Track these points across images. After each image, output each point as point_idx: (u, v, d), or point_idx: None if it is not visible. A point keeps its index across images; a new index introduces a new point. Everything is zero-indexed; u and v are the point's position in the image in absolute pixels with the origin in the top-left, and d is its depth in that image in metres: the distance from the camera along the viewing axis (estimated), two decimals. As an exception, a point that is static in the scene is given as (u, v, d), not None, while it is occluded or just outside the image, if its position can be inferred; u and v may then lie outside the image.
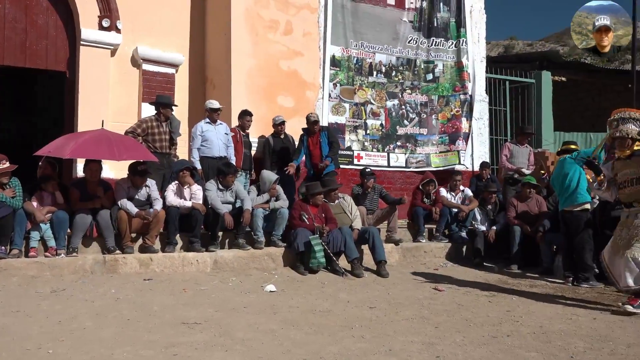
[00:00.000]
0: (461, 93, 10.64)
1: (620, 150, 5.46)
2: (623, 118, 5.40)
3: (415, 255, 8.22)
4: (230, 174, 7.33)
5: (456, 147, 10.53)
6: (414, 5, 10.41)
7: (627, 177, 5.39)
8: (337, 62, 9.73)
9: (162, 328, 4.43)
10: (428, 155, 10.42)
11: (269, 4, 9.25)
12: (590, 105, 16.48)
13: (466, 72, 10.68)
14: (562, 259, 7.36)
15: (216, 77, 9.51)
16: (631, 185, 5.36)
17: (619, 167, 5.50)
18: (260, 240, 7.29)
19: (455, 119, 10.59)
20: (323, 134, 8.38)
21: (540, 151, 10.94)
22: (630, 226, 5.34)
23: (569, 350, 4.11)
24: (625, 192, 5.42)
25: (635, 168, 5.34)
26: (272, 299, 5.67)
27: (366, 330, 4.54)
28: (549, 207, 8.19)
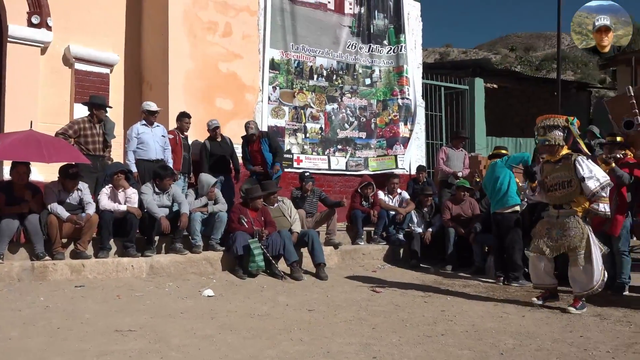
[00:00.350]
0: (399, 98, 10.85)
1: (550, 156, 5.72)
2: (549, 125, 5.65)
3: (353, 257, 8.31)
4: (168, 177, 7.19)
5: (393, 152, 10.73)
6: (352, 11, 10.55)
7: (558, 180, 5.63)
8: (276, 66, 9.73)
9: (94, 336, 4.29)
10: (366, 158, 10.58)
11: (207, 6, 9.14)
12: (519, 111, 17.22)
13: (405, 77, 10.90)
14: (494, 259, 7.64)
15: (153, 78, 9.31)
16: (562, 188, 5.60)
17: (548, 170, 5.74)
18: (198, 245, 7.18)
19: (393, 123, 10.79)
20: (264, 140, 8.39)
21: (473, 155, 11.31)
22: (564, 228, 5.56)
23: (499, 347, 4.27)
24: (556, 195, 5.67)
25: (565, 172, 5.59)
26: (210, 303, 5.59)
27: (305, 333, 4.56)
28: (482, 210, 8.48)
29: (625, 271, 6.65)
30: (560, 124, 5.63)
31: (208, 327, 4.69)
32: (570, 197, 5.57)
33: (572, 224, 5.55)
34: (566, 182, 5.57)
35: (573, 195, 5.55)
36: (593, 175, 5.44)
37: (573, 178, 5.52)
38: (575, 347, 4.31)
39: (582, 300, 5.59)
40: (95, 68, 9.04)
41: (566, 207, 5.61)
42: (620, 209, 6.52)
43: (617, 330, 4.86)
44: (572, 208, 5.58)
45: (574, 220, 5.55)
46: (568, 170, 5.55)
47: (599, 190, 5.41)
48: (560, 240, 5.57)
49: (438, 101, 12.23)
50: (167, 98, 8.72)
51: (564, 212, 5.62)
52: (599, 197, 5.45)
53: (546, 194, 5.76)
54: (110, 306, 5.30)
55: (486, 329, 4.83)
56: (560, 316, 5.39)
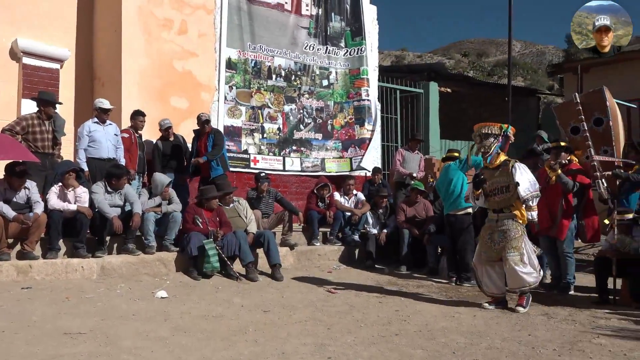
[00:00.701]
0: (354, 100, 10.91)
1: (489, 164, 5.89)
2: (484, 134, 5.84)
3: (309, 258, 8.33)
4: (123, 175, 7.03)
5: (348, 155, 10.78)
6: (309, 13, 10.56)
7: (497, 185, 5.83)
8: (233, 65, 9.64)
9: (42, 339, 4.16)
10: (323, 160, 10.60)
11: (162, 3, 8.98)
12: (472, 116, 17.58)
13: (363, 79, 10.94)
14: (447, 260, 7.80)
15: (105, 75, 9.08)
16: (501, 193, 5.81)
17: (488, 176, 5.91)
18: (151, 245, 7.04)
19: (348, 126, 10.85)
20: (210, 137, 8.25)
21: (427, 157, 11.51)
22: (504, 231, 5.75)
23: (451, 346, 4.37)
24: (495, 200, 5.86)
25: (503, 177, 5.79)
26: (163, 305, 5.50)
27: (259, 334, 4.54)
28: (435, 211, 8.63)
29: (570, 272, 6.90)
30: (494, 132, 5.81)
31: (161, 329, 4.61)
32: (509, 201, 5.77)
33: (510, 226, 5.74)
34: (504, 188, 5.77)
35: (511, 200, 5.75)
36: (527, 182, 5.68)
37: (511, 183, 5.72)
38: (524, 346, 4.44)
39: (526, 298, 5.79)
40: (45, 63, 8.75)
41: (506, 210, 5.79)
42: (566, 214, 6.76)
43: (563, 329, 5.04)
44: (511, 212, 5.77)
45: (512, 223, 5.74)
46: (506, 175, 5.76)
47: (528, 197, 5.66)
48: (502, 243, 5.74)
49: (393, 104, 12.38)
50: (120, 96, 8.52)
51: (503, 215, 5.81)
52: (528, 206, 5.70)
53: (486, 199, 5.93)
54: (59, 308, 5.15)
55: (439, 329, 4.92)
56: (509, 316, 5.55)
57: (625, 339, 4.70)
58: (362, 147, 10.80)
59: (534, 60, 48.09)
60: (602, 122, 6.89)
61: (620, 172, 6.68)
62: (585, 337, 4.72)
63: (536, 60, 47.75)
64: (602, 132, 6.89)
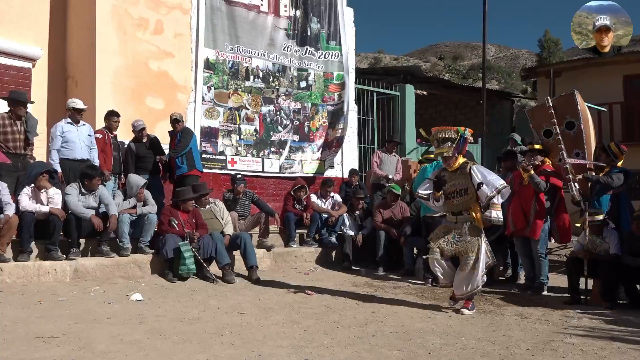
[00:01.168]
0: (328, 104, 10.93)
1: (448, 166, 5.88)
2: (442, 138, 5.82)
3: (286, 260, 8.32)
4: (96, 176, 6.93)
5: (322, 157, 10.79)
6: (287, 14, 10.54)
7: (456, 188, 5.82)
8: (211, 65, 9.57)
9: (13, 344, 4.08)
10: (301, 161, 10.58)
11: (138, 2, 8.88)
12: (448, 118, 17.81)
13: (335, 83, 10.97)
14: (423, 262, 7.85)
15: (79, 74, 8.95)
16: (459, 195, 5.80)
17: (447, 178, 5.89)
18: (126, 247, 6.96)
19: (322, 129, 10.86)
20: (178, 135, 8.12)
21: (404, 160, 11.59)
22: (461, 233, 5.74)
23: (427, 347, 4.40)
24: (454, 202, 5.85)
25: (462, 180, 5.78)
26: (138, 308, 5.44)
27: (236, 337, 4.52)
28: (412, 213, 8.69)
29: (543, 272, 7.02)
30: (451, 135, 5.82)
31: (136, 332, 4.56)
32: (467, 204, 5.76)
33: (467, 230, 5.73)
34: (463, 190, 5.78)
35: (469, 202, 5.76)
36: (488, 181, 5.66)
37: (470, 186, 5.73)
38: (498, 346, 4.50)
39: (472, 301, 5.83)
40: (17, 62, 8.58)
41: (464, 213, 5.80)
42: (539, 214, 6.88)
43: (537, 329, 5.12)
44: (469, 214, 5.77)
45: (470, 227, 5.73)
46: (465, 178, 5.76)
47: (495, 194, 5.62)
48: (456, 244, 5.73)
49: (370, 106, 12.44)
50: (94, 95, 8.40)
51: (461, 218, 5.81)
52: (493, 203, 5.65)
53: (445, 201, 5.91)
54: (31, 312, 5.05)
55: (415, 330, 4.96)
56: (484, 316, 5.62)
57: (596, 338, 4.80)
58: (335, 146, 10.80)
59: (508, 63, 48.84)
60: (573, 125, 7.00)
61: (590, 175, 6.81)
62: (558, 337, 4.81)
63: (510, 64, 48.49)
64: (574, 135, 7.01)
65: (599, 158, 7.03)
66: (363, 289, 6.97)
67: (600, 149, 7.11)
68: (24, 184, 6.70)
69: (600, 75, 15.27)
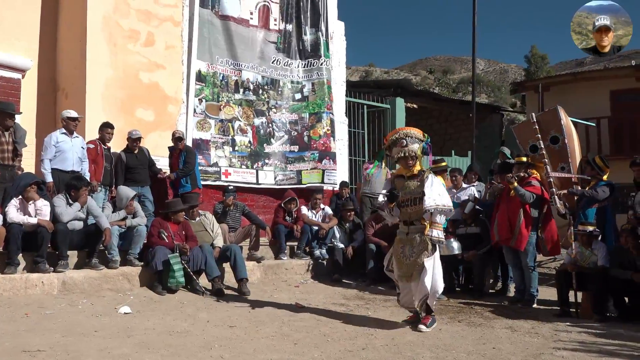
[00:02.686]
0: (331, 112, 10.92)
1: (407, 169, 5.67)
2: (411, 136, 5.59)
3: (276, 272, 8.29)
4: (83, 187, 6.87)
5: (322, 166, 10.75)
6: (277, 28, 10.59)
7: (410, 196, 5.60)
8: (202, 78, 9.58)
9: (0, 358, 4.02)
10: (299, 172, 10.52)
11: (129, 14, 8.90)
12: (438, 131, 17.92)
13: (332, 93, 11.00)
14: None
15: (69, 86, 8.92)
16: (413, 204, 5.54)
17: (399, 186, 5.70)
18: (114, 260, 6.90)
19: (326, 137, 10.80)
20: (182, 154, 8.37)
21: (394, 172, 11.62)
22: (414, 244, 5.53)
23: None
24: (407, 211, 5.59)
25: (418, 188, 5.56)
26: (127, 321, 5.39)
27: (225, 350, 4.49)
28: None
29: (533, 285, 7.04)
30: (420, 137, 5.64)
31: (124, 345, 4.51)
32: (420, 213, 5.50)
33: (419, 240, 5.50)
34: (417, 199, 5.53)
35: (422, 212, 5.47)
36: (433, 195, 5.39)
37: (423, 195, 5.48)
38: (488, 359, 4.50)
39: (432, 316, 5.58)
40: (6, 72, 8.55)
41: (416, 223, 5.55)
42: (525, 225, 6.91)
43: (527, 342, 5.13)
44: (422, 223, 5.53)
45: (421, 237, 5.47)
46: (419, 186, 5.54)
47: (433, 210, 5.38)
48: (412, 257, 5.51)
49: (360, 119, 12.49)
50: (84, 107, 8.37)
51: (413, 228, 5.57)
52: (434, 222, 5.44)
53: (399, 209, 5.69)
54: (17, 325, 4.99)
55: (405, 343, 4.94)
56: (474, 329, 5.62)
57: (585, 352, 4.81)
58: (335, 162, 10.81)
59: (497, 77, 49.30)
60: (558, 140, 7.08)
61: (575, 190, 6.88)
62: (548, 350, 4.81)
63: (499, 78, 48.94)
64: (559, 149, 7.08)
65: (584, 172, 7.10)
66: (353, 302, 6.96)
67: (586, 163, 7.19)
68: (12, 195, 6.64)
69: (587, 90, 15.47)
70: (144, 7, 9.05)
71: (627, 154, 12.93)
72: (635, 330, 5.69)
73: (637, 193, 7.04)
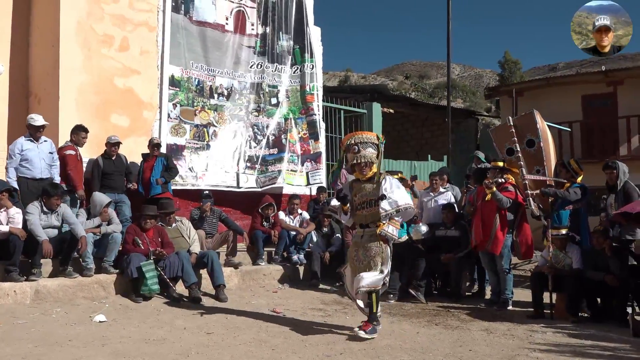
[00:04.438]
0: (307, 115, 10.92)
1: (361, 175, 5.61)
2: (364, 142, 5.55)
3: (254, 278, 8.25)
4: (56, 195, 6.75)
5: (305, 169, 10.75)
6: (255, 32, 10.57)
7: (365, 198, 5.58)
8: (176, 82, 9.50)
9: (-32, 369, 3.93)
10: (280, 171, 10.47)
11: (103, 18, 8.80)
12: (415, 135, 18.08)
13: (311, 94, 10.99)
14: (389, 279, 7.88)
15: (42, 91, 8.79)
16: (369, 207, 5.50)
17: (357, 189, 5.66)
18: (89, 267, 6.79)
19: (303, 140, 10.79)
20: (160, 160, 8.31)
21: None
22: (366, 247, 5.46)
23: (395, 363, 4.41)
24: (363, 214, 5.55)
25: (373, 190, 5.54)
26: (102, 329, 5.32)
27: (202, 357, 4.45)
28: (380, 230, 8.71)
29: (508, 287, 7.13)
30: (374, 141, 5.62)
31: (99, 354, 4.45)
32: (376, 216, 5.46)
33: (373, 243, 5.47)
34: (373, 201, 5.48)
35: (378, 214, 5.44)
36: (394, 196, 5.39)
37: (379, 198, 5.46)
38: (465, 361, 4.54)
39: (372, 324, 5.38)
40: (-24, 77, 8.39)
41: (372, 226, 5.49)
42: (501, 228, 7.00)
43: (502, 344, 5.19)
44: (377, 227, 5.45)
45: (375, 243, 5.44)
46: (375, 189, 5.52)
47: (393, 213, 5.38)
48: (364, 261, 5.46)
49: (338, 123, 12.52)
50: (57, 112, 8.24)
51: (369, 231, 5.51)
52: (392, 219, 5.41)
53: (354, 212, 5.67)
54: (-12, 336, 4.88)
55: (383, 346, 4.96)
56: (451, 332, 5.67)
57: (559, 353, 4.89)
58: (318, 162, 10.82)
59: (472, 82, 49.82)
60: (534, 143, 7.20)
61: (548, 190, 6.99)
62: (523, 352, 4.88)
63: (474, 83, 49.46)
64: (535, 152, 7.20)
65: (559, 174, 7.23)
66: (331, 307, 6.96)
67: (561, 166, 7.32)
68: (-17, 203, 6.51)
69: (560, 94, 15.75)
70: (118, 12, 8.96)
71: (597, 158, 13.22)
72: (607, 330, 5.81)
73: (609, 196, 7.20)
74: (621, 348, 5.11)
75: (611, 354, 4.90)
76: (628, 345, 5.21)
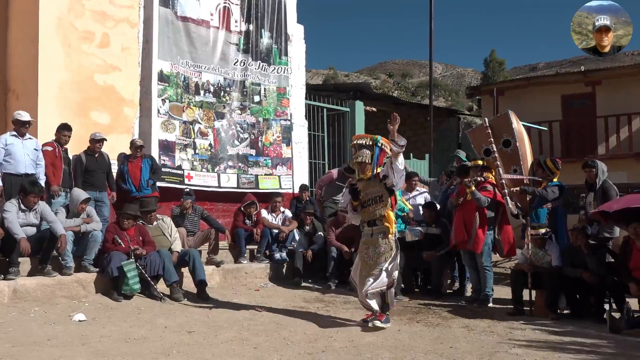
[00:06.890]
0: (282, 119, 10.94)
1: (363, 174, 5.88)
2: (359, 145, 5.89)
3: (236, 276, 8.22)
4: (33, 193, 6.62)
5: (277, 172, 10.77)
6: (239, 29, 10.52)
7: (371, 195, 5.82)
8: (165, 78, 9.40)
9: (-56, 370, 3.87)
10: (256, 176, 10.48)
11: (83, 14, 8.69)
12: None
13: (287, 99, 11.02)
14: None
15: (20, 87, 8.66)
16: (374, 203, 5.77)
17: (362, 187, 5.89)
18: (69, 266, 6.71)
19: (276, 143, 10.83)
20: (146, 161, 8.23)
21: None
22: (376, 245, 5.77)
23: (377, 360, 4.43)
24: (369, 210, 5.81)
25: (377, 187, 5.79)
26: (82, 329, 5.26)
27: (184, 356, 4.43)
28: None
29: (488, 285, 7.20)
30: (367, 143, 5.88)
31: (78, 354, 4.40)
32: (382, 211, 5.72)
33: (381, 241, 5.72)
34: (378, 197, 5.77)
35: (384, 209, 5.71)
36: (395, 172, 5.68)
37: (384, 193, 5.75)
38: (446, 358, 4.59)
39: (386, 314, 5.75)
40: (-47, 74, 8.25)
41: (379, 223, 5.75)
42: (481, 227, 7.07)
43: (482, 340, 5.24)
44: (383, 224, 5.73)
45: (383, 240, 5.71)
46: (378, 185, 5.77)
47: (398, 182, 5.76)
48: (374, 258, 5.74)
49: (320, 122, 12.52)
50: (36, 109, 8.11)
51: (376, 229, 5.78)
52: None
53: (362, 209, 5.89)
54: (-36, 336, 4.81)
55: (364, 344, 4.98)
56: (432, 329, 5.71)
57: (538, 349, 4.95)
58: (289, 167, 10.84)
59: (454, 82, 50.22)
60: (510, 143, 7.27)
61: (526, 188, 7.07)
62: (503, 348, 4.93)
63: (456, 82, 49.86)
64: (511, 152, 7.27)
65: (535, 174, 7.32)
66: (314, 305, 6.96)
67: (537, 165, 7.41)
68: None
69: (540, 94, 15.95)
70: (98, 8, 8.86)
71: (576, 156, 13.40)
72: (585, 326, 5.91)
73: (588, 194, 7.31)
74: (599, 344, 5.19)
75: (589, 349, 4.98)
76: (605, 341, 5.30)
